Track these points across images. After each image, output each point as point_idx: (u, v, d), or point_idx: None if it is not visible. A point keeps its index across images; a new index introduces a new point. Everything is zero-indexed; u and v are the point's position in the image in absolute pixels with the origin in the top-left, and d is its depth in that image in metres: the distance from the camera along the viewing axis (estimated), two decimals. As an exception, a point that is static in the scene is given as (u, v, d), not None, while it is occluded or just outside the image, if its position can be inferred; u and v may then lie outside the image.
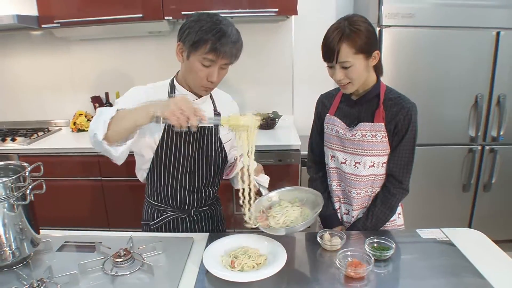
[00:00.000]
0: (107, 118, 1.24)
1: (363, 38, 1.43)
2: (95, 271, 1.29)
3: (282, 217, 1.39)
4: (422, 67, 2.85)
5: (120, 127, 1.26)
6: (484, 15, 2.77)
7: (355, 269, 1.22)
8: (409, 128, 1.53)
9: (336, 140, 1.67)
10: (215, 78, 1.45)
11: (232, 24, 1.45)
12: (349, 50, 1.43)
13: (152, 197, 1.67)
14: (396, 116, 1.53)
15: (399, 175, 1.59)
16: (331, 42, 1.45)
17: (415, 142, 1.57)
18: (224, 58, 1.42)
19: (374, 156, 1.58)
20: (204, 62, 1.41)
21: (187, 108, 1.20)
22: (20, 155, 2.94)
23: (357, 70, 1.47)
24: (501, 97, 2.89)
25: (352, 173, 1.63)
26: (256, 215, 1.41)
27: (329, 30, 1.48)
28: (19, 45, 3.44)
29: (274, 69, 3.45)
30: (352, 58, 1.44)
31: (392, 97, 1.57)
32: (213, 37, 1.37)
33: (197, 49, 1.40)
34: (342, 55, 1.44)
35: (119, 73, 3.49)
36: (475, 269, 1.29)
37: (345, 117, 1.66)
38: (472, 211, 3.14)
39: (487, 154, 3.01)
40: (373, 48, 1.48)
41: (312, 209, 1.43)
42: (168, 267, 1.33)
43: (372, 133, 1.56)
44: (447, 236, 1.51)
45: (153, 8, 2.88)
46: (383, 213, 1.62)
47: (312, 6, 3.27)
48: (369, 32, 1.45)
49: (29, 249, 1.32)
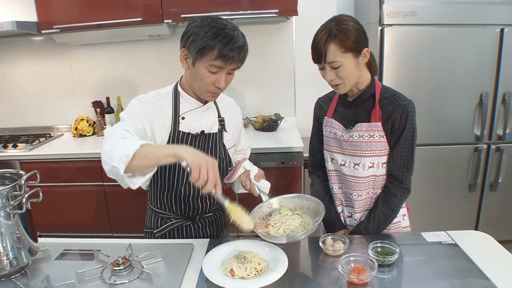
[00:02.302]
0: (129, 153, 1.18)
1: (350, 36, 1.42)
2: (93, 280, 1.27)
3: (282, 225, 1.37)
4: (425, 66, 2.82)
5: (142, 164, 1.22)
6: (488, 12, 2.73)
7: (358, 275, 1.19)
8: (406, 126, 1.51)
9: (335, 142, 1.65)
10: (222, 84, 1.42)
11: (237, 28, 1.42)
12: (337, 49, 1.43)
13: (156, 205, 1.65)
14: (392, 114, 1.51)
15: (399, 175, 1.57)
16: (319, 43, 1.46)
17: (414, 140, 1.54)
18: (232, 64, 1.39)
19: (373, 157, 1.56)
20: (211, 69, 1.38)
21: (213, 175, 1.19)
22: (22, 162, 2.93)
23: (347, 69, 1.46)
24: (506, 94, 2.85)
25: (352, 175, 1.61)
26: (255, 222, 1.39)
27: (317, 32, 1.49)
28: (19, 51, 3.44)
29: (275, 70, 3.43)
30: (341, 57, 1.44)
31: (387, 96, 1.54)
32: (219, 43, 1.33)
33: (203, 55, 1.36)
34: (330, 55, 1.44)
35: (120, 78, 3.48)
36: (481, 272, 1.26)
37: (342, 119, 1.64)
38: (479, 211, 3.10)
39: (493, 153, 2.97)
40: (362, 46, 1.46)
41: (313, 218, 1.40)
42: (167, 275, 1.30)
43: (369, 133, 1.54)
44: (452, 239, 1.47)
45: (152, 12, 2.87)
46: (384, 214, 1.59)
47: (312, 6, 3.24)
48: (356, 30, 1.44)
49: (27, 258, 1.30)
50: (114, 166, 1.19)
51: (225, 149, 1.64)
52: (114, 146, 1.24)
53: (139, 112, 1.44)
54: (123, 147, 1.21)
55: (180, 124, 1.51)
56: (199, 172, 1.17)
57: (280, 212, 1.44)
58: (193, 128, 1.54)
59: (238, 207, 1.32)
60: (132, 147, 1.19)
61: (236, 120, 1.72)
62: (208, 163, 1.19)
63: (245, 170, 1.54)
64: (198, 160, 1.18)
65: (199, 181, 1.18)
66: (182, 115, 1.52)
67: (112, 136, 1.28)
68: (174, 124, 1.51)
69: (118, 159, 1.19)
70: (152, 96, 1.51)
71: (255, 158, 1.53)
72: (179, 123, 1.51)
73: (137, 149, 1.19)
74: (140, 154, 1.20)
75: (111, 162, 1.20)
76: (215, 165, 1.22)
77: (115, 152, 1.21)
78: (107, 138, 1.30)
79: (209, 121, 1.58)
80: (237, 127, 1.73)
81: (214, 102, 1.62)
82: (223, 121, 1.62)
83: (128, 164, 1.18)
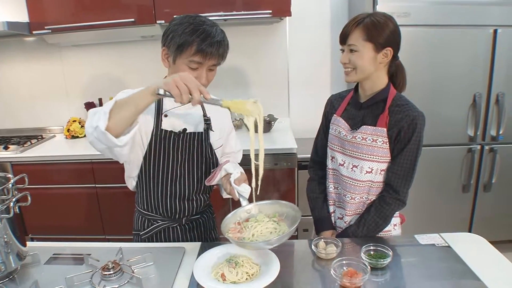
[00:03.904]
0: (106, 109, 1.20)
1: (378, 29, 1.45)
2: (83, 285, 1.25)
3: (253, 230, 1.28)
4: (419, 67, 2.82)
5: (122, 115, 1.22)
6: (481, 12, 2.73)
7: (351, 279, 1.18)
8: (412, 138, 1.48)
9: (337, 141, 1.65)
10: (203, 80, 1.42)
11: (216, 24, 1.44)
12: (359, 35, 1.46)
13: (142, 206, 1.63)
14: (399, 122, 1.48)
15: (397, 185, 1.54)
16: (347, 26, 1.51)
17: (419, 154, 1.51)
18: (211, 59, 1.40)
19: (373, 162, 1.53)
20: (191, 65, 1.40)
21: (191, 82, 1.18)
22: (13, 164, 2.90)
23: (363, 57, 1.48)
24: (500, 95, 2.85)
25: (349, 176, 1.60)
26: (230, 227, 1.33)
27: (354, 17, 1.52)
28: (11, 51, 3.41)
29: (269, 71, 3.41)
30: (361, 44, 1.47)
31: (399, 103, 1.52)
32: (197, 39, 1.36)
33: (182, 52, 1.38)
34: (352, 38, 1.48)
35: (113, 78, 3.45)
36: (474, 274, 1.26)
37: (350, 119, 1.63)
38: (473, 212, 3.10)
39: (487, 153, 2.97)
40: (386, 43, 1.47)
41: (290, 226, 1.31)
42: (158, 280, 1.29)
43: (372, 137, 1.52)
44: (446, 241, 1.47)
45: (145, 12, 2.85)
46: (375, 222, 1.57)
47: (306, 7, 3.24)
48: (386, 26, 1.46)
49: (15, 263, 1.29)
50: (96, 126, 1.19)
51: (212, 148, 1.62)
52: (94, 117, 1.24)
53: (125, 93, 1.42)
54: (100, 111, 1.23)
55: (162, 122, 1.51)
56: (178, 87, 1.16)
57: (256, 218, 1.36)
58: (176, 126, 1.53)
59: (235, 99, 1.27)
60: (108, 104, 1.22)
61: (223, 120, 1.69)
62: (181, 76, 1.18)
63: (227, 172, 1.50)
64: (170, 80, 1.17)
65: (183, 94, 1.16)
66: (164, 113, 1.52)
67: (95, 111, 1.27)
68: (157, 121, 1.50)
69: (98, 118, 1.21)
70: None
71: (248, 160, 1.50)
72: (161, 120, 1.51)
73: (114, 104, 1.21)
74: (117, 107, 1.22)
75: (93, 124, 1.21)
76: (188, 74, 1.21)
77: (95, 116, 1.23)
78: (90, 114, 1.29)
79: (194, 119, 1.57)
80: (225, 127, 1.71)
81: None
82: (209, 120, 1.60)
83: (109, 120, 1.19)
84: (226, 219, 1.33)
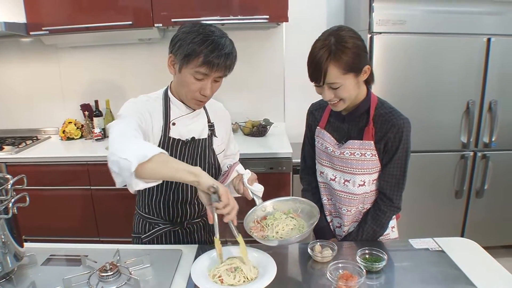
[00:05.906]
0: (148, 154, 1.15)
1: (352, 56, 1.34)
2: (80, 286, 1.25)
3: (276, 228, 1.36)
4: (413, 74, 2.85)
5: (157, 170, 1.18)
6: (475, 21, 2.77)
7: (346, 282, 1.20)
8: (400, 146, 1.47)
9: (325, 156, 1.63)
10: (208, 91, 1.40)
11: (226, 35, 1.40)
12: (337, 70, 1.34)
13: (144, 210, 1.64)
14: (386, 134, 1.46)
15: (390, 194, 1.55)
16: (318, 61, 1.35)
17: (407, 160, 1.51)
18: (217, 71, 1.37)
19: (364, 175, 1.53)
20: (196, 76, 1.37)
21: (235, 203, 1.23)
22: (8, 164, 2.89)
23: (347, 89, 1.40)
24: (493, 103, 2.89)
25: (342, 190, 1.60)
26: (250, 225, 1.39)
27: (315, 47, 1.38)
28: (8, 52, 3.40)
29: (265, 76, 3.43)
30: (341, 78, 1.36)
31: (383, 113, 1.49)
32: (205, 49, 1.32)
33: (189, 62, 1.35)
34: (331, 76, 1.36)
35: (109, 81, 3.45)
36: (467, 278, 1.28)
37: (335, 132, 1.60)
38: (465, 218, 3.13)
39: (479, 160, 3.01)
40: (363, 64, 1.39)
41: (307, 220, 1.40)
42: (155, 281, 1.29)
43: (361, 152, 1.51)
44: (439, 246, 1.49)
45: (143, 15, 2.85)
46: (373, 230, 1.58)
47: (303, 13, 3.26)
48: (357, 48, 1.36)
49: (12, 264, 1.28)
50: (126, 159, 1.13)
51: (215, 154, 1.63)
52: (130, 142, 1.21)
53: (139, 113, 1.41)
54: (140, 146, 1.19)
55: (170, 130, 1.50)
56: (228, 198, 1.19)
57: (274, 215, 1.43)
58: (183, 134, 1.53)
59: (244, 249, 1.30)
60: (151, 150, 1.17)
61: (225, 125, 1.71)
62: (227, 191, 1.20)
63: (238, 173, 1.53)
64: (224, 187, 1.19)
65: (227, 208, 1.19)
66: (172, 121, 1.51)
67: (122, 134, 1.25)
68: (165, 129, 1.49)
69: (133, 154, 1.14)
70: (145, 100, 1.49)
71: (244, 164, 1.52)
72: (169, 128, 1.50)
73: (156, 154, 1.16)
74: (158, 159, 1.17)
75: (123, 155, 1.15)
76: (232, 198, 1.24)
77: (131, 147, 1.18)
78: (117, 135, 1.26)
79: (199, 126, 1.58)
80: (227, 132, 1.73)
81: (204, 107, 1.61)
82: (213, 126, 1.62)
83: (143, 164, 1.14)
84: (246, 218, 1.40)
